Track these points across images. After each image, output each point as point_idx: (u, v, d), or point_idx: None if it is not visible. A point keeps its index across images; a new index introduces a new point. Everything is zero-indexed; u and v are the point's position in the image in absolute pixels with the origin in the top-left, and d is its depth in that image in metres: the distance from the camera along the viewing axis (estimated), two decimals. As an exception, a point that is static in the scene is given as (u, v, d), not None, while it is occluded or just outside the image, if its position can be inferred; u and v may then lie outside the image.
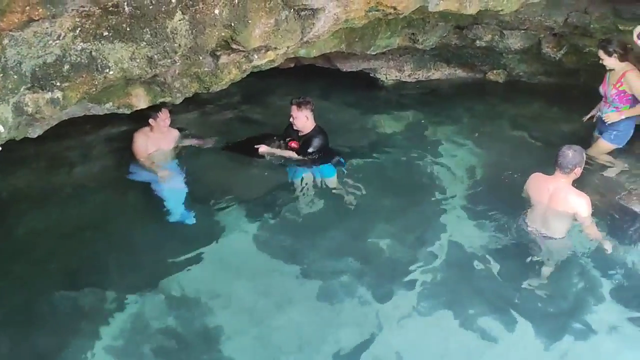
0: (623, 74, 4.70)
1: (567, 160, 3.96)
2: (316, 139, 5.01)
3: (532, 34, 5.76)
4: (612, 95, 4.85)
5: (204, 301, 3.87)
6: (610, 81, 4.85)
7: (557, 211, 4.10)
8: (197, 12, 2.65)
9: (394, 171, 5.44)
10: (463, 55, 6.54)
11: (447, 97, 6.75)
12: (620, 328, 3.71)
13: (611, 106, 4.91)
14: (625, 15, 5.25)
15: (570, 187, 4.09)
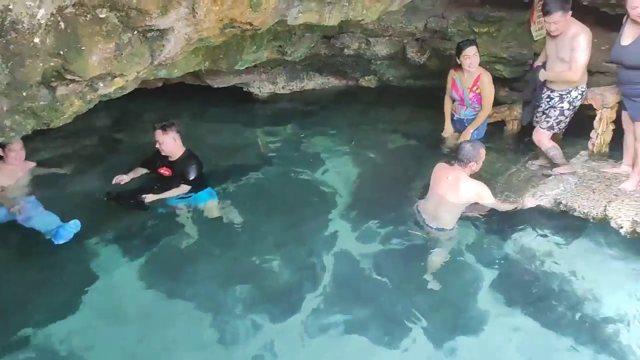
0: (478, 77, 5.02)
1: (462, 153, 4.31)
2: (191, 166, 4.74)
3: (396, 41, 5.90)
4: (470, 98, 5.14)
5: (79, 354, 3.46)
6: (464, 85, 5.15)
7: (450, 202, 4.38)
8: (9, 42, 2.28)
9: (276, 188, 5.29)
10: (334, 64, 6.57)
11: (322, 107, 6.76)
12: (505, 319, 3.80)
13: (468, 108, 5.21)
14: (479, 18, 5.55)
15: (467, 178, 4.37)
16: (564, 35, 4.51)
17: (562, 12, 4.36)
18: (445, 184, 4.44)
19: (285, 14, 3.43)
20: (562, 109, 4.85)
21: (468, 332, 3.68)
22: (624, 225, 4.05)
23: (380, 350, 3.50)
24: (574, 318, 3.72)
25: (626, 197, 4.33)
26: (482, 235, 4.59)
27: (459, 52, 5.01)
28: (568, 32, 4.48)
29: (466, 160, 4.34)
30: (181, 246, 4.46)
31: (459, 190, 4.38)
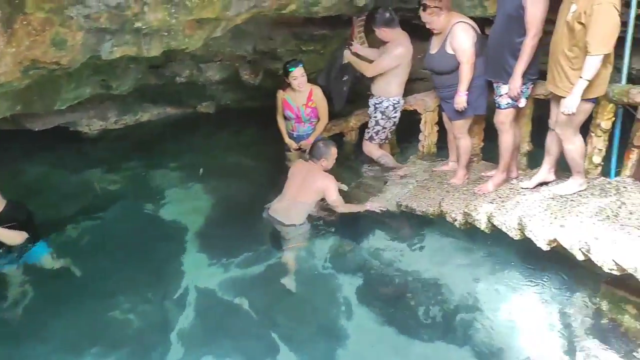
0: (310, 92, 5.27)
1: (315, 150, 4.86)
2: (13, 219, 4.22)
3: (227, 64, 5.86)
4: (307, 114, 5.30)
5: None
6: (298, 103, 5.31)
7: (302, 195, 4.78)
8: None
9: (121, 231, 4.97)
10: (168, 93, 6.34)
11: (162, 138, 6.49)
12: (367, 323, 3.91)
13: (306, 123, 5.38)
14: (304, 37, 5.71)
15: (319, 171, 4.82)
16: (387, 44, 5.07)
17: (379, 27, 4.94)
18: (299, 178, 4.85)
19: (98, 49, 3.20)
20: (376, 120, 5.27)
21: (335, 343, 3.73)
22: (457, 218, 4.39)
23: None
24: (429, 313, 3.97)
25: (456, 191, 4.70)
26: (336, 244, 4.73)
27: (287, 73, 5.15)
28: (390, 42, 5.00)
29: (318, 156, 4.83)
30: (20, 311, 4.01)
31: (310, 183, 4.78)
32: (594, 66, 3.46)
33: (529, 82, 4.18)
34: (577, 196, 4.03)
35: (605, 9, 3.34)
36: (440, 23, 4.47)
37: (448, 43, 4.49)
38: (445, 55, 4.51)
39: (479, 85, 4.54)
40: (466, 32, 4.44)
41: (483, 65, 4.46)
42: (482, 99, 4.62)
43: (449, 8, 4.53)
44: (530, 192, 4.25)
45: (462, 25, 4.44)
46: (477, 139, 5.19)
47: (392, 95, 5.18)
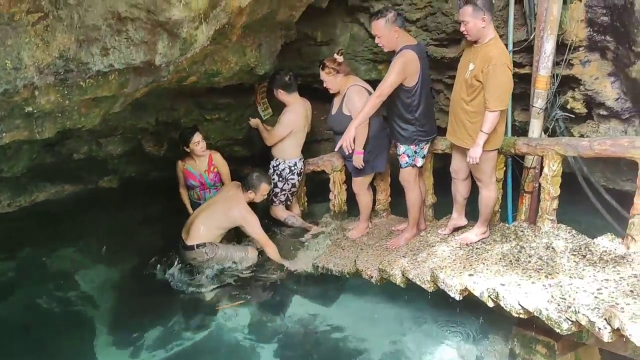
0: (210, 157, 5.34)
1: (247, 179, 4.93)
2: None
3: (129, 137, 5.70)
4: (211, 179, 5.36)
5: None
6: (200, 170, 5.35)
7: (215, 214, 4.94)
8: None
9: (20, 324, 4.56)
10: (66, 170, 6.01)
11: (62, 218, 6.11)
12: None
13: (212, 189, 5.39)
14: (208, 107, 5.73)
15: (242, 201, 4.91)
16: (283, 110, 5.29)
17: (276, 89, 5.24)
18: (219, 197, 5.05)
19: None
20: (275, 182, 5.39)
21: None
22: (373, 275, 4.45)
23: None
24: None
25: (370, 248, 4.80)
26: (255, 312, 4.64)
27: (187, 141, 5.19)
28: (285, 108, 5.29)
29: (247, 186, 4.90)
30: None
31: (226, 206, 4.91)
32: (492, 120, 3.75)
33: (423, 143, 4.40)
34: (482, 244, 4.25)
35: (500, 69, 3.66)
36: (336, 84, 4.73)
37: (344, 104, 4.72)
38: (342, 115, 4.72)
39: (378, 145, 4.73)
40: (359, 94, 4.66)
41: (379, 125, 4.67)
42: (381, 158, 4.82)
43: (347, 72, 4.79)
44: (439, 244, 4.42)
45: (356, 87, 4.70)
46: (384, 195, 5.38)
47: (288, 157, 5.36)
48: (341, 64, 4.71)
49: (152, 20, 3.05)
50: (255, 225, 4.87)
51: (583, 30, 4.07)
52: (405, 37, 4.15)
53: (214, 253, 4.86)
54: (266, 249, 4.95)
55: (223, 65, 4.60)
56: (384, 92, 4.07)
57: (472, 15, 3.67)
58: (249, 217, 4.86)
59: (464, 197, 4.43)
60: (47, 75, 2.83)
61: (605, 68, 4.12)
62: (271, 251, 4.96)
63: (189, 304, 4.75)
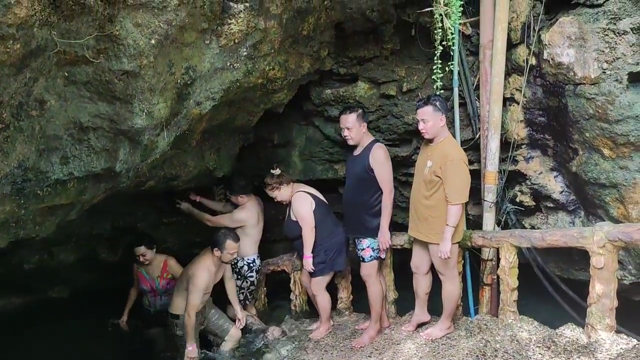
0: (165, 263, 5.28)
1: (213, 237, 4.82)
2: None
3: (83, 244, 5.54)
4: (163, 286, 5.28)
5: None
6: (153, 275, 5.30)
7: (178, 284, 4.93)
8: None
9: None
10: (13, 280, 5.73)
11: (6, 333, 5.72)
12: None
13: (163, 296, 5.32)
14: (166, 210, 5.69)
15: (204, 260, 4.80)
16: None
17: (237, 195, 5.33)
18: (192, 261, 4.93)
19: None
20: (239, 284, 5.32)
21: None
22: (340, 379, 4.31)
23: None
24: None
25: (334, 349, 4.67)
26: None
27: (134, 251, 5.22)
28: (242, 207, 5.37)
29: (212, 244, 4.79)
30: None
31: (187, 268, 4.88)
32: (456, 213, 3.90)
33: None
34: (447, 339, 4.22)
35: (457, 164, 3.90)
36: (284, 195, 4.90)
37: (292, 211, 4.87)
38: (292, 222, 4.89)
39: (334, 243, 4.82)
40: (303, 200, 4.85)
41: (331, 224, 4.83)
42: (340, 257, 4.87)
43: (288, 181, 4.96)
44: (404, 341, 4.36)
45: (299, 194, 4.89)
46: (345, 292, 5.34)
47: (246, 254, 5.35)
48: (280, 175, 4.92)
49: (114, 129, 3.10)
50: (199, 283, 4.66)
51: (523, 130, 4.37)
52: (368, 133, 4.57)
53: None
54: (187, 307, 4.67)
55: (182, 169, 4.64)
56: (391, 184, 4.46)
57: (432, 115, 3.93)
58: (197, 272, 4.71)
59: (425, 292, 4.45)
60: (4, 185, 2.79)
61: (548, 163, 4.39)
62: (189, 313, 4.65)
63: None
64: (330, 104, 4.99)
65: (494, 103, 4.29)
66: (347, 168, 4.86)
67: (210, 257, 4.78)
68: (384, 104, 4.85)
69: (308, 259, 4.74)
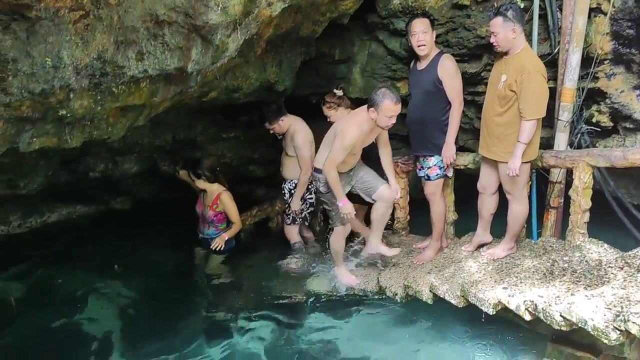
0: (217, 196, 5.15)
1: (370, 96, 4.08)
2: None
3: (145, 156, 5.65)
4: (210, 216, 5.21)
5: None
6: (205, 202, 5.23)
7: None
8: None
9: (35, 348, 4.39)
10: (79, 190, 5.94)
11: (73, 239, 6.00)
12: None
13: (211, 226, 5.28)
14: (224, 124, 5.71)
15: (354, 117, 4.27)
16: (287, 133, 5.14)
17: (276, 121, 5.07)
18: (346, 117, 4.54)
19: (16, 140, 2.94)
20: (290, 202, 5.30)
21: None
22: (397, 292, 4.35)
23: None
24: None
25: (392, 266, 4.69)
26: (273, 334, 4.47)
27: None
28: (290, 129, 5.12)
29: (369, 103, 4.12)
30: None
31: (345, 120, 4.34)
32: (530, 130, 3.72)
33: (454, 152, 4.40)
34: (510, 258, 4.16)
35: (534, 77, 3.66)
36: (339, 118, 4.72)
37: None
38: None
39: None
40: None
41: None
42: None
43: (347, 105, 4.83)
44: (465, 259, 4.33)
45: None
46: (403, 212, 5.31)
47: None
48: (341, 97, 4.78)
49: (188, 24, 3.03)
50: (343, 139, 4.07)
51: (608, 44, 4.07)
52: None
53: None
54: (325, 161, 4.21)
55: (244, 80, 4.60)
56: (461, 97, 4.35)
57: (502, 27, 3.69)
58: (346, 129, 4.11)
59: (490, 213, 4.36)
60: (83, 78, 2.80)
61: (631, 81, 4.11)
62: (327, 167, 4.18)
63: (203, 324, 4.63)
64: (397, 15, 4.76)
65: (578, 13, 3.99)
66: (411, 85, 4.68)
67: (364, 116, 4.09)
68: (456, 15, 4.58)
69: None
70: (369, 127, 4.11)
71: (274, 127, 5.12)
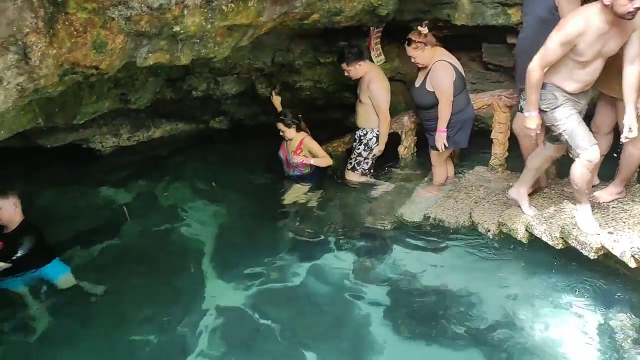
0: (301, 141, 5.21)
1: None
2: (27, 237, 4.09)
3: (244, 77, 5.76)
4: (294, 161, 5.30)
5: None
6: (289, 148, 5.30)
7: None
8: None
9: (136, 249, 4.82)
10: (182, 108, 6.22)
11: (174, 155, 6.35)
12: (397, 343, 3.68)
13: (295, 170, 5.38)
14: (322, 49, 5.65)
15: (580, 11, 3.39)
16: (363, 80, 5.06)
17: (355, 63, 4.97)
18: None
19: (134, 55, 3.08)
20: (359, 151, 5.30)
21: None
22: (490, 229, 4.27)
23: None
24: (460, 328, 3.75)
25: (486, 202, 4.59)
26: (360, 259, 4.57)
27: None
28: (366, 77, 5.04)
29: None
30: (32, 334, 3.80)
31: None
32: None
33: None
34: (618, 203, 3.94)
35: None
36: (425, 58, 4.60)
37: (429, 80, 4.61)
38: (425, 91, 4.66)
39: (461, 120, 4.68)
40: (445, 70, 4.56)
41: (464, 101, 4.64)
42: (463, 134, 4.77)
43: (434, 43, 4.62)
44: (566, 201, 4.14)
45: (442, 64, 4.58)
46: (501, 149, 5.11)
47: (376, 125, 5.21)
48: (427, 35, 4.56)
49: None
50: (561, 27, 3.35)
51: None
52: None
53: None
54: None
55: (346, 3, 4.48)
56: None
57: None
58: (570, 16, 3.40)
59: (601, 154, 4.08)
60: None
61: None
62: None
63: (291, 243, 4.79)
64: None
65: None
66: (525, 12, 4.34)
67: (595, 8, 3.26)
68: None
69: (442, 132, 4.64)
70: (602, 22, 3.22)
71: (350, 70, 5.05)
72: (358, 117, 5.28)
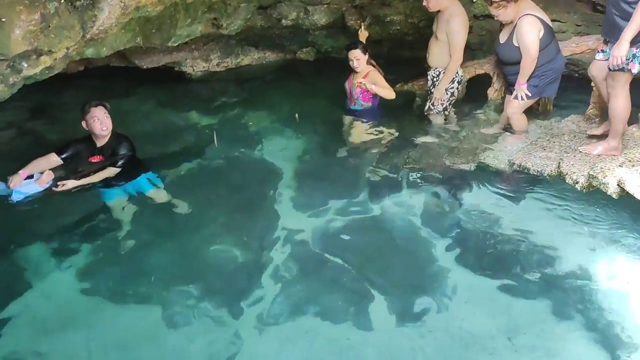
0: (367, 74, 5.09)
1: None
2: (123, 144, 4.34)
3: (335, 8, 5.68)
4: (356, 93, 5.19)
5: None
6: (355, 79, 5.17)
7: None
8: None
9: (219, 171, 4.99)
10: (270, 37, 6.27)
11: (261, 83, 6.46)
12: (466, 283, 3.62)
13: (356, 104, 5.27)
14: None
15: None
16: (442, 15, 4.81)
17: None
18: None
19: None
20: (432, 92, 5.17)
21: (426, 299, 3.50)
22: (579, 181, 4.08)
23: (350, 330, 3.29)
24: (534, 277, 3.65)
25: (575, 152, 4.37)
26: (435, 200, 4.51)
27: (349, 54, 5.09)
28: (446, 12, 4.78)
29: None
30: (123, 240, 4.07)
31: None
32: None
33: None
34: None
35: None
36: (508, 15, 4.40)
37: (515, 35, 4.42)
38: (511, 46, 4.50)
39: (551, 69, 4.55)
40: (531, 25, 4.34)
41: (554, 52, 4.47)
42: (554, 83, 4.65)
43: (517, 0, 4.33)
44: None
45: (528, 18, 4.35)
46: (599, 99, 4.78)
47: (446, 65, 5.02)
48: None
49: None
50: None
51: None
52: None
53: None
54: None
55: None
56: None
57: None
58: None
59: None
60: None
61: None
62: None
63: (370, 178, 4.78)
64: None
65: None
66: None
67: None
68: None
69: (522, 85, 4.53)
70: None
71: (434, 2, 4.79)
72: (431, 55, 5.10)
